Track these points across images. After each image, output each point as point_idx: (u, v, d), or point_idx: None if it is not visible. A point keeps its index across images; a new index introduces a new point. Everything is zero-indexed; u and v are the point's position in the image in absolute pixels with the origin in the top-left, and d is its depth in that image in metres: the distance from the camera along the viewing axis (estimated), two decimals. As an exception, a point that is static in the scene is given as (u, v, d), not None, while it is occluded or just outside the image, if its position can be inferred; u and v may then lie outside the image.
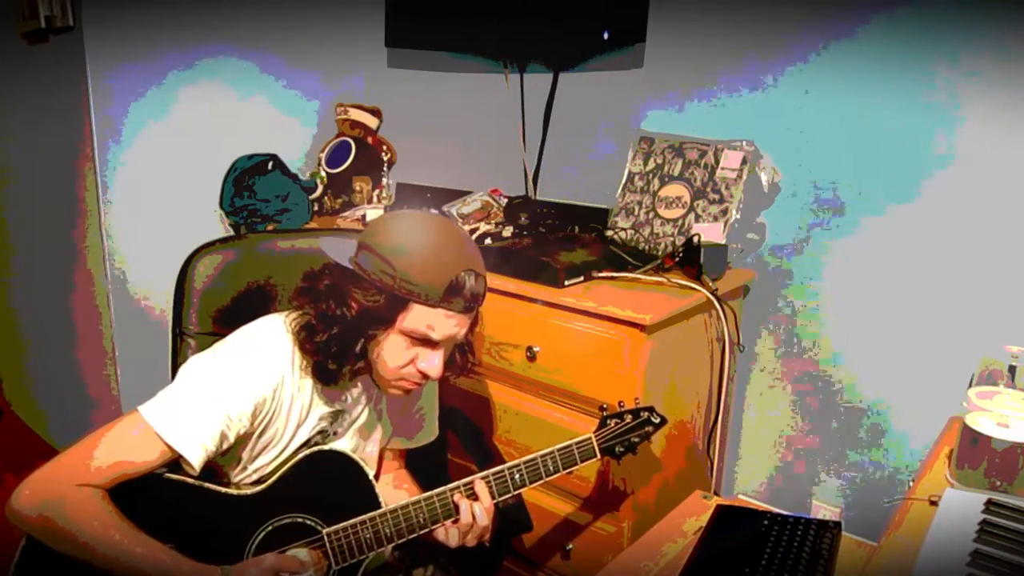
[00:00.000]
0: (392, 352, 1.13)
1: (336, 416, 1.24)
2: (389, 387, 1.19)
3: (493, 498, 1.22)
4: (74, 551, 1.01)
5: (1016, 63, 1.50)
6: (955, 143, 1.60)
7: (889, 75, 1.65)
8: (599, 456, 1.31)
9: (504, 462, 1.25)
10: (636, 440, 1.34)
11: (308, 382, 1.19)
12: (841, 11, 1.69)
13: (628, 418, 1.34)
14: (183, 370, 1.12)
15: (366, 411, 1.29)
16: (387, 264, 1.09)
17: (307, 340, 1.14)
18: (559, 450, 1.27)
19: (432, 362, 1.14)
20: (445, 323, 1.11)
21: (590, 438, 1.30)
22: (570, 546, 1.72)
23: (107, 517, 1.02)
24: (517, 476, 1.23)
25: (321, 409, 1.22)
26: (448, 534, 1.20)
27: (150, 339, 2.25)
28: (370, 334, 1.12)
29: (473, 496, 1.20)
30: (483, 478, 1.22)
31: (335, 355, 1.13)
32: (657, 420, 1.37)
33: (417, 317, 1.10)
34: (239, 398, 1.10)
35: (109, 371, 2.34)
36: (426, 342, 1.13)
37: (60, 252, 2.47)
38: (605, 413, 1.35)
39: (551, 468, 1.26)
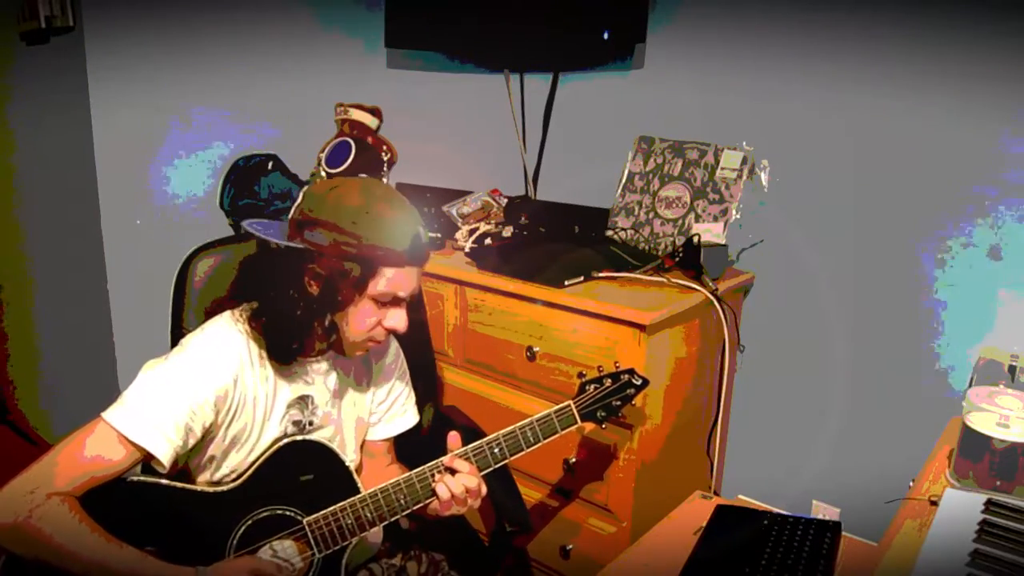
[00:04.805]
0: (360, 318, 1.15)
1: (304, 402, 1.23)
2: (356, 349, 1.21)
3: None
4: (50, 559, 1.01)
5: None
6: (954, 141, 1.60)
7: (890, 74, 1.66)
8: (579, 422, 1.28)
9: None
10: (618, 404, 1.30)
11: (269, 371, 1.18)
12: (840, 10, 1.69)
13: (608, 382, 1.30)
14: (141, 374, 1.12)
15: (335, 396, 1.28)
16: (350, 236, 1.09)
17: (263, 328, 1.15)
18: (538, 420, 1.25)
19: (400, 319, 1.18)
20: (411, 279, 1.16)
21: (569, 405, 1.27)
22: (570, 546, 1.72)
23: (79, 525, 1.01)
24: (497, 450, 1.23)
25: (287, 396, 1.21)
26: (441, 505, 1.19)
27: (150, 339, 2.24)
28: (340, 304, 1.13)
29: (453, 472, 1.19)
30: (462, 455, 1.21)
31: (294, 334, 1.15)
32: (639, 381, 1.32)
33: (387, 281, 1.13)
34: (198, 389, 1.10)
35: (109, 371, 2.34)
36: (394, 301, 1.16)
37: (59, 252, 2.47)
38: (584, 379, 1.31)
39: (531, 439, 1.24)
